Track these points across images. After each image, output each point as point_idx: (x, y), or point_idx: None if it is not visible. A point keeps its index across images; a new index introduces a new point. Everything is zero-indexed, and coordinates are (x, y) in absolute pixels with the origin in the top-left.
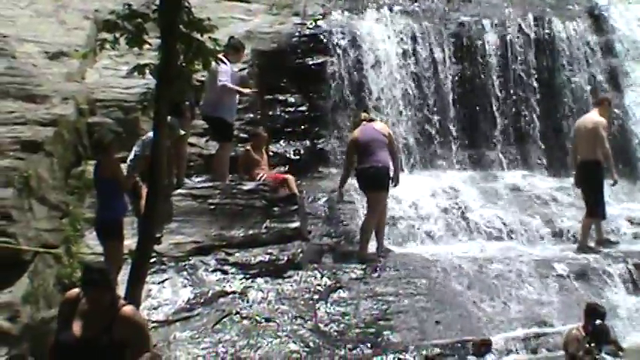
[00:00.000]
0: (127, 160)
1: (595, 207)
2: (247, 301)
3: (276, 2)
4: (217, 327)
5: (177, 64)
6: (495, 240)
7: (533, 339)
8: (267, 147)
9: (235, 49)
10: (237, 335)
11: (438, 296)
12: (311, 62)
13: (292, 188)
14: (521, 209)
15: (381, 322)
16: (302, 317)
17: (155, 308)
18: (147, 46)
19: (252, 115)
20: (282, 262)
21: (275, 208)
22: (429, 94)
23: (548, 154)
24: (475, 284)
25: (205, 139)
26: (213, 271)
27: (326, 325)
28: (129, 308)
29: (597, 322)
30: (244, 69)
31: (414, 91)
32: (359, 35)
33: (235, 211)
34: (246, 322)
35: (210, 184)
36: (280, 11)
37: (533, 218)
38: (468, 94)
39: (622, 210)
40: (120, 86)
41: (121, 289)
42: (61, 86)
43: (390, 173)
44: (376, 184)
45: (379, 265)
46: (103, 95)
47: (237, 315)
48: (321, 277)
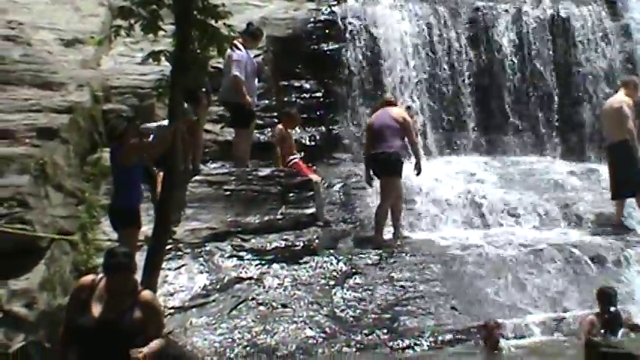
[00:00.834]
0: None
1: (628, 185)
2: (263, 287)
3: None
4: (233, 313)
5: (192, 50)
6: (511, 225)
7: (548, 323)
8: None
9: (253, 36)
10: (253, 321)
11: (454, 282)
12: (326, 48)
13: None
14: (537, 194)
15: (397, 308)
16: (318, 303)
17: (171, 294)
18: (162, 32)
19: (267, 101)
20: (298, 247)
21: (291, 194)
22: (444, 79)
23: (564, 139)
24: (491, 269)
25: (221, 125)
26: (229, 257)
27: (342, 310)
28: (148, 292)
29: (612, 309)
30: (259, 55)
31: (429, 77)
32: (374, 21)
33: (251, 197)
34: (262, 308)
35: (226, 171)
36: None
37: (549, 203)
38: (484, 79)
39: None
40: (135, 73)
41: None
42: (77, 73)
43: (401, 159)
44: (387, 169)
45: (395, 250)
46: (118, 82)
47: (253, 301)
48: (337, 263)
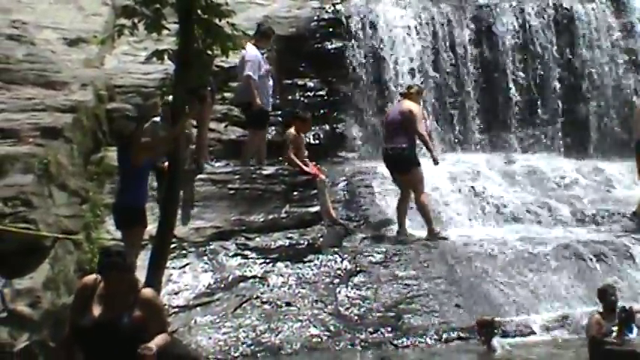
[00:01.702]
0: None
1: None
2: (267, 285)
3: None
4: (238, 312)
5: (196, 49)
6: (515, 222)
7: (553, 321)
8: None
9: (265, 35)
10: (257, 320)
11: (458, 280)
12: (330, 47)
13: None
14: (541, 191)
15: (402, 306)
16: (322, 301)
17: (176, 293)
18: (165, 31)
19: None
20: (302, 246)
21: (295, 193)
22: (448, 76)
23: (569, 136)
24: (496, 267)
25: (225, 124)
26: (233, 255)
27: (346, 309)
28: (148, 290)
29: (627, 307)
30: (263, 53)
31: (433, 75)
32: (378, 19)
33: (255, 196)
34: (266, 306)
35: (230, 169)
36: None
37: (553, 200)
38: (488, 77)
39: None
40: (138, 72)
41: (141, 275)
42: (80, 72)
43: (413, 152)
44: (402, 167)
45: (399, 248)
46: (122, 81)
47: (258, 299)
48: (342, 261)
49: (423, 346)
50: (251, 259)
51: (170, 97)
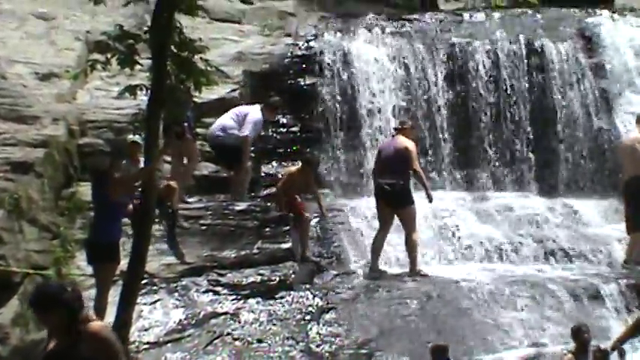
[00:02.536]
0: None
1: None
2: (239, 322)
3: (268, 23)
4: (209, 348)
5: (169, 85)
6: (488, 261)
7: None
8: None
9: (271, 108)
10: (228, 357)
11: (430, 317)
12: (303, 83)
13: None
14: (513, 229)
15: (373, 344)
16: (294, 338)
17: (146, 329)
18: (138, 66)
19: None
20: (274, 282)
21: (267, 229)
22: (420, 114)
23: (540, 175)
24: (468, 305)
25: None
26: (204, 291)
27: (318, 346)
28: (96, 324)
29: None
30: (236, 89)
31: (405, 112)
32: (351, 56)
33: (227, 232)
34: (237, 343)
35: (202, 205)
36: (272, 32)
37: (525, 238)
38: (460, 115)
39: (613, 230)
40: (111, 107)
41: (112, 310)
42: (52, 107)
43: (408, 188)
44: (397, 201)
45: (371, 285)
46: (94, 116)
47: (229, 336)
48: (313, 298)
49: None
50: (222, 295)
51: (131, 137)
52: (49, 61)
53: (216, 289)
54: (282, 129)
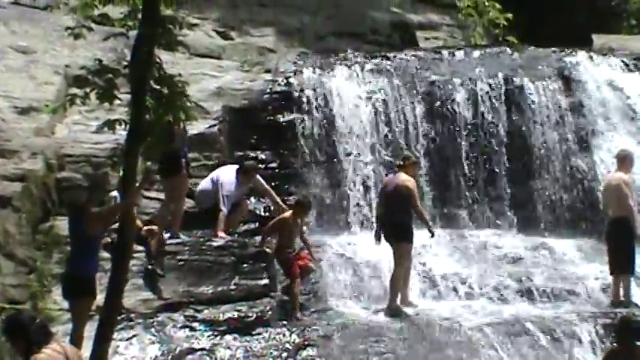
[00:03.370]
0: None
1: (627, 263)
2: (215, 358)
3: (248, 59)
4: None
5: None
6: (465, 298)
7: None
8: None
9: (247, 172)
10: None
11: (406, 355)
12: (282, 119)
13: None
14: (491, 268)
15: None
16: None
17: None
18: (117, 101)
19: None
20: (251, 319)
21: (244, 265)
22: (399, 151)
23: (518, 213)
24: (445, 342)
25: None
26: (181, 327)
27: None
28: (39, 355)
29: None
30: (214, 125)
31: (384, 149)
32: (330, 93)
33: (204, 268)
34: None
35: (179, 241)
36: (251, 68)
37: (502, 277)
38: (439, 153)
39: (590, 269)
40: (90, 141)
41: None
42: (30, 141)
43: (409, 226)
44: (395, 234)
45: (348, 322)
46: (73, 150)
47: None
48: (290, 335)
49: None
50: (199, 331)
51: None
52: (29, 95)
53: (193, 325)
54: (260, 165)
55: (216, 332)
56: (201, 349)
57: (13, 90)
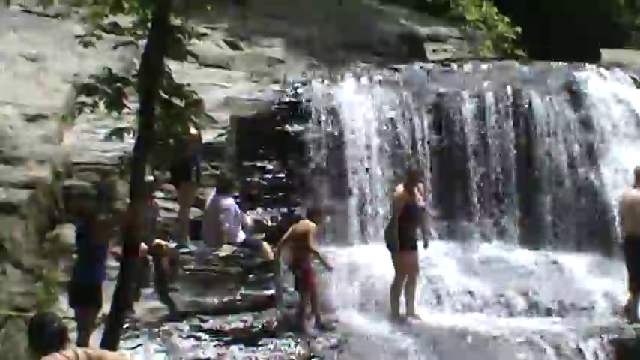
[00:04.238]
0: None
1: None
2: None
3: (256, 70)
4: None
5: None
6: (471, 312)
7: None
8: None
9: (230, 185)
10: None
11: None
12: (290, 129)
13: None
14: (497, 281)
15: None
16: None
17: None
18: (126, 110)
19: None
20: (257, 329)
21: (250, 275)
22: (406, 163)
23: (525, 227)
24: (450, 356)
25: None
26: (186, 337)
27: None
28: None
29: None
30: (223, 135)
31: (392, 161)
32: (338, 104)
33: (210, 278)
34: None
35: (186, 250)
36: (260, 78)
37: (509, 290)
38: (446, 165)
39: (597, 285)
40: (98, 150)
41: None
42: (38, 149)
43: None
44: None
45: (353, 333)
46: (80, 158)
47: None
48: (295, 346)
49: None
50: (204, 341)
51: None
52: (37, 103)
53: (199, 334)
54: (267, 175)
55: (221, 342)
56: (207, 359)
57: (22, 97)
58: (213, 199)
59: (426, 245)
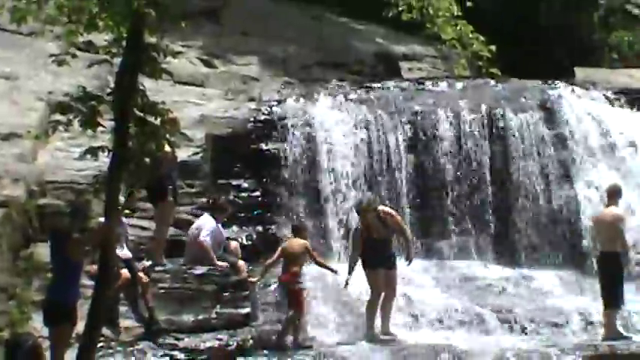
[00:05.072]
0: None
1: (614, 298)
2: None
3: (232, 87)
4: None
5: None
6: (447, 329)
7: None
8: None
9: (222, 210)
10: None
11: None
12: (265, 147)
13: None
14: (473, 299)
15: None
16: None
17: None
18: (101, 128)
19: (204, 199)
20: (232, 347)
21: (225, 293)
22: (382, 182)
23: (501, 244)
24: None
25: None
26: (162, 356)
27: None
28: None
29: None
30: (198, 153)
31: (367, 179)
32: (313, 122)
33: (185, 296)
34: None
35: (161, 268)
36: (235, 96)
37: (483, 308)
38: (422, 183)
39: (572, 303)
40: (72, 168)
41: None
42: (12, 167)
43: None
44: None
45: (330, 351)
46: (54, 177)
47: None
48: None
49: None
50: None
51: None
52: (11, 121)
53: (173, 353)
54: (243, 193)
55: None
56: None
57: None
58: (218, 229)
59: (409, 262)
